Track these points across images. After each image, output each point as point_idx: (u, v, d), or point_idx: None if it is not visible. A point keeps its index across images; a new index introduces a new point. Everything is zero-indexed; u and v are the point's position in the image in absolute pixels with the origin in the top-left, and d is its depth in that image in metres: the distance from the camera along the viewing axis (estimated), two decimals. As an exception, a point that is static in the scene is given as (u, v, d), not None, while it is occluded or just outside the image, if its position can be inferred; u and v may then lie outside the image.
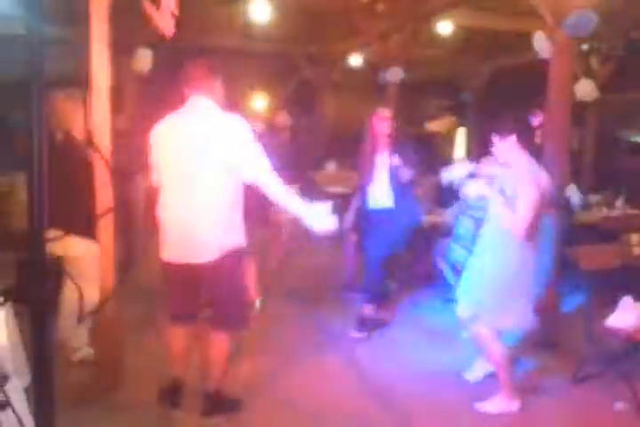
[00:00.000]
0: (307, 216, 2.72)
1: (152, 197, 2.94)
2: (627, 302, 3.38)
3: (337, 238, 5.50)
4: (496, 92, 9.16)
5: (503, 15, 6.01)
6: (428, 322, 4.44)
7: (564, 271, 3.86)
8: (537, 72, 4.26)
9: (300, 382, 3.37)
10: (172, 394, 2.94)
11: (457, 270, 4.72)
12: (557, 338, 3.84)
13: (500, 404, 3.06)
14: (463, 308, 3.12)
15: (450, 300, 4.60)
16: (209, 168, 2.63)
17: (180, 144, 2.68)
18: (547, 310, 3.76)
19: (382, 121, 4.14)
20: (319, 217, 2.71)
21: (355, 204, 4.67)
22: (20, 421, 1.11)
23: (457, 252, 4.57)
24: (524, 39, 4.49)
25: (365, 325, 4.16)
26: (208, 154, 2.62)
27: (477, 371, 3.41)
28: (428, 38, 6.83)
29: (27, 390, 1.30)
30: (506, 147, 2.99)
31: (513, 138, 2.95)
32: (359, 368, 3.62)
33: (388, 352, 3.89)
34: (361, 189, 4.38)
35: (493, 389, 3.12)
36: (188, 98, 2.74)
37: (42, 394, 1.06)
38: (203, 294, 2.86)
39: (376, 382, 3.41)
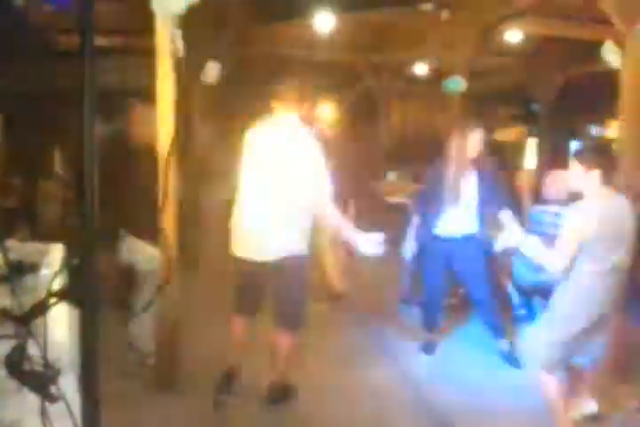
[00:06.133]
0: (357, 242, 2.94)
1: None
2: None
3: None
4: (568, 103, 8.77)
5: (574, 23, 5.72)
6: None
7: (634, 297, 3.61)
8: (611, 82, 4.03)
9: (346, 394, 3.39)
10: (228, 381, 3.06)
11: (521, 288, 4.59)
12: (624, 364, 3.59)
13: None
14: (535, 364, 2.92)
15: (517, 318, 4.59)
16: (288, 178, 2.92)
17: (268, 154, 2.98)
18: (615, 335, 3.54)
19: (471, 143, 3.77)
20: (369, 244, 2.89)
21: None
22: (71, 413, 1.15)
23: (521, 269, 4.44)
24: (598, 47, 4.26)
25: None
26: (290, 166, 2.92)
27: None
28: (497, 46, 6.62)
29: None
30: (586, 178, 2.74)
31: (596, 173, 2.71)
32: (412, 383, 3.57)
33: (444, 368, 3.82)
34: (428, 213, 3.99)
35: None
36: (276, 111, 3.03)
37: (87, 390, 1.10)
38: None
39: (429, 399, 3.35)
